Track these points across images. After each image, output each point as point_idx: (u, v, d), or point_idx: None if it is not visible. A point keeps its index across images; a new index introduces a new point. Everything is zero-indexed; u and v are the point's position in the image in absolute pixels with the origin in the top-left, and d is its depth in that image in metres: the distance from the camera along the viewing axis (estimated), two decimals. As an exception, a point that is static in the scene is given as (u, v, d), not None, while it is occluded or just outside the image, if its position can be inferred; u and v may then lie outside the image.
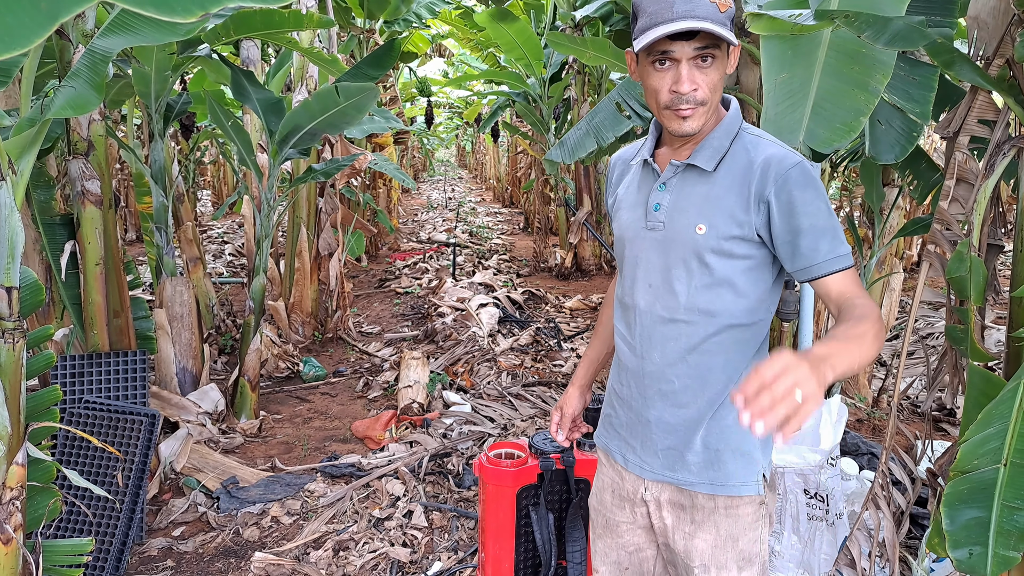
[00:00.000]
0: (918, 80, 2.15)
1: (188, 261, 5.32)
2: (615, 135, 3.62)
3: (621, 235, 1.54)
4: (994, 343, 4.90)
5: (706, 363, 1.43)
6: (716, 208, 1.38)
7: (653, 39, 1.29)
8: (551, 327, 6.27)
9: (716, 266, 1.38)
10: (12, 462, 1.83)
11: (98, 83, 1.97)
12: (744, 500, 1.46)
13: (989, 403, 1.63)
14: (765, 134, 1.44)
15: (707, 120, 1.38)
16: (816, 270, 1.34)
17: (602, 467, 1.67)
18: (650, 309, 1.47)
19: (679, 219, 1.42)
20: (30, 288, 2.08)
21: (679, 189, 1.43)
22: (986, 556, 1.41)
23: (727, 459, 1.44)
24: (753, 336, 1.45)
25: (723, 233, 1.37)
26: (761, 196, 1.35)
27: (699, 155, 1.41)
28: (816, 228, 1.32)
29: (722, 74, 1.36)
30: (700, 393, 1.44)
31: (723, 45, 1.33)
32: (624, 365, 1.55)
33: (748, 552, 1.47)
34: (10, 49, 0.75)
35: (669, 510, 1.51)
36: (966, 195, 2.07)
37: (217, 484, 3.52)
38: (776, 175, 1.34)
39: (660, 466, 1.49)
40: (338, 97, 3.79)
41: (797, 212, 1.32)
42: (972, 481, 1.48)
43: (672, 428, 1.47)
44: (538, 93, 8.17)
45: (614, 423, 1.60)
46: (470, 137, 26.56)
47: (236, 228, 11.81)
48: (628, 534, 1.60)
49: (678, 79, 1.33)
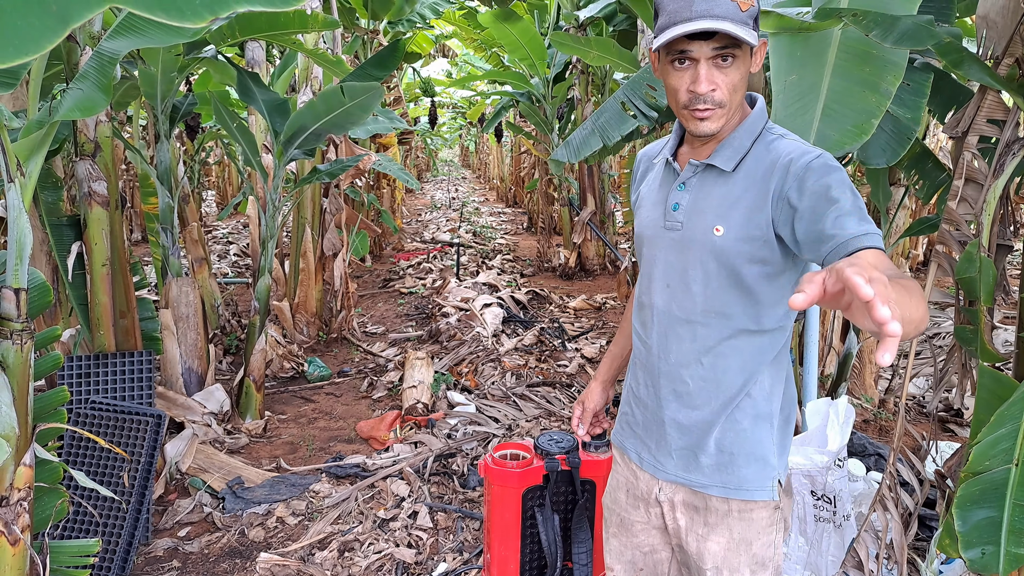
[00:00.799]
0: (910, 86, 2.14)
1: (193, 261, 5.33)
2: (620, 134, 3.61)
3: (641, 233, 1.52)
4: (1002, 343, 4.89)
5: (721, 365, 1.41)
6: (734, 209, 1.35)
7: (670, 38, 1.27)
8: (555, 327, 6.26)
9: (733, 268, 1.36)
10: (20, 463, 1.83)
11: (105, 85, 1.97)
12: (758, 504, 1.44)
13: (999, 403, 1.63)
14: (790, 134, 1.41)
15: (727, 120, 1.36)
16: (843, 248, 1.19)
17: (617, 466, 1.66)
18: (667, 309, 1.45)
19: (697, 219, 1.39)
20: (38, 289, 2.08)
21: (698, 189, 1.41)
22: (998, 555, 1.42)
23: (741, 463, 1.43)
24: (771, 342, 1.42)
25: (741, 235, 1.34)
26: (781, 194, 1.30)
27: (719, 155, 1.39)
28: (841, 208, 1.22)
29: (744, 74, 1.33)
30: (714, 395, 1.42)
31: (745, 44, 1.30)
32: (641, 364, 1.54)
33: (761, 556, 1.46)
34: (22, 55, 0.75)
35: (683, 511, 1.50)
36: (975, 195, 2.06)
37: (223, 484, 3.53)
38: (796, 170, 1.29)
39: (674, 467, 1.49)
40: (343, 98, 3.79)
41: (819, 196, 1.24)
42: (984, 482, 1.48)
43: (686, 429, 1.46)
44: (542, 93, 8.17)
45: (630, 422, 1.59)
46: (474, 137, 26.58)
47: (241, 228, 11.83)
48: (643, 534, 1.59)
49: (696, 79, 1.30)
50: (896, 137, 2.18)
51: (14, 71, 1.79)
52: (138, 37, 2.03)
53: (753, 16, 1.29)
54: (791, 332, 1.46)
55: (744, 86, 1.36)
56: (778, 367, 1.45)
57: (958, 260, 2.02)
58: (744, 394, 1.42)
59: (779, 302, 1.40)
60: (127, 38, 2.00)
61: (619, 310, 6.96)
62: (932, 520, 2.82)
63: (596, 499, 2.29)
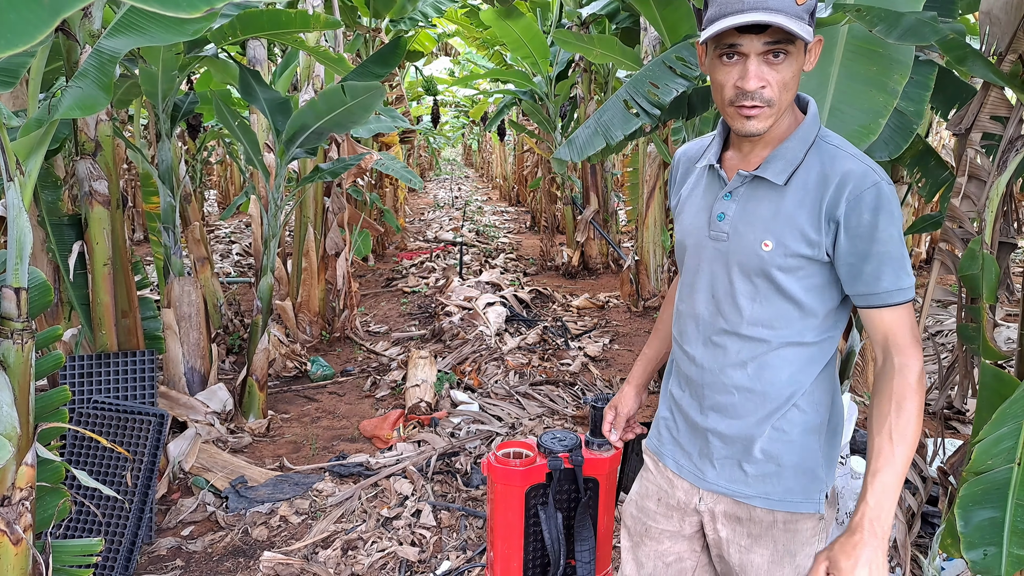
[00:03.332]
0: (915, 79, 2.13)
1: (196, 261, 5.33)
2: (623, 133, 3.59)
3: (683, 240, 1.46)
4: (1004, 340, 4.87)
5: (768, 378, 1.36)
6: (785, 226, 1.29)
7: (719, 30, 1.20)
8: (558, 326, 6.26)
9: (782, 283, 1.31)
10: (22, 463, 1.83)
11: (106, 83, 1.96)
12: (803, 516, 1.40)
13: (1001, 402, 1.62)
14: (846, 144, 1.33)
15: (776, 121, 1.29)
16: (874, 299, 1.26)
17: (648, 473, 1.60)
18: (711, 320, 1.40)
19: (745, 232, 1.33)
20: (38, 288, 2.08)
21: (746, 201, 1.35)
22: (1000, 556, 1.40)
23: (788, 475, 1.39)
24: (821, 353, 1.38)
25: (791, 251, 1.29)
26: (832, 215, 1.26)
27: (770, 167, 1.31)
28: (882, 255, 1.23)
29: (796, 72, 1.25)
30: (760, 406, 1.38)
31: (799, 40, 1.23)
32: (682, 372, 1.49)
33: (804, 567, 1.42)
34: (13, 46, 0.75)
35: (724, 522, 1.45)
36: (978, 192, 2.05)
37: (226, 484, 3.53)
38: (850, 194, 1.24)
39: (716, 476, 1.44)
40: (344, 96, 3.79)
41: (865, 236, 1.24)
42: (986, 482, 1.47)
43: (729, 439, 1.41)
44: (544, 91, 8.16)
45: (670, 427, 1.54)
46: (476, 136, 26.57)
47: (243, 228, 11.84)
48: (669, 542, 1.55)
49: (745, 75, 1.23)
50: (898, 130, 2.17)
51: (13, 69, 1.79)
52: (138, 35, 2.02)
53: (809, 10, 1.22)
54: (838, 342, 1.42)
55: (796, 85, 1.28)
56: (826, 378, 1.40)
57: (961, 257, 2.01)
58: (791, 405, 1.37)
59: (828, 314, 1.36)
60: (127, 36, 1.99)
61: (622, 309, 6.95)
62: (935, 516, 2.81)
63: (599, 497, 2.29)
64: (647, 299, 6.73)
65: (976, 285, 1.95)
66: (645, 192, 6.61)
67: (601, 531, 2.27)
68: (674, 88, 3.34)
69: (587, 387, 4.89)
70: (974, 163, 2.05)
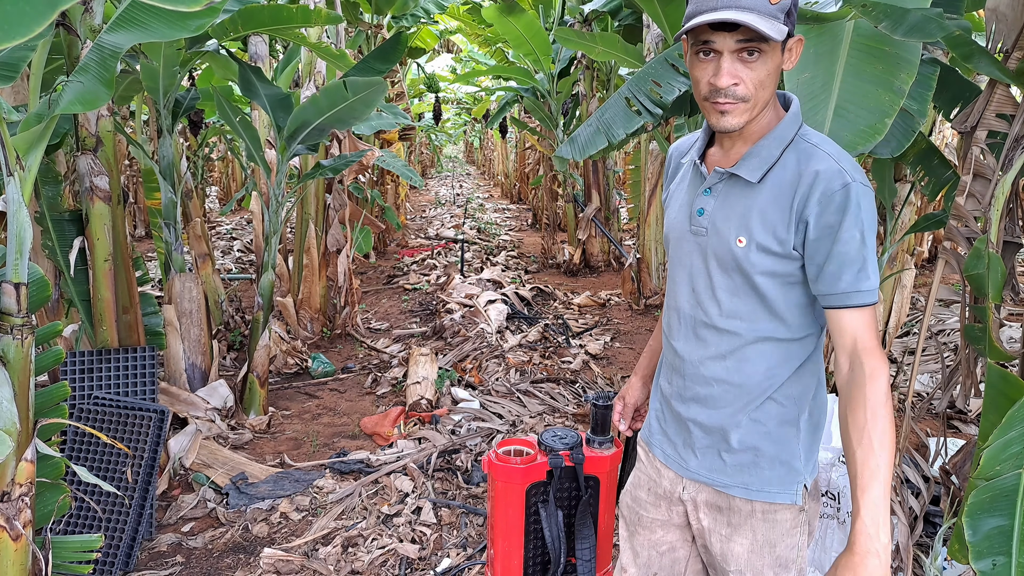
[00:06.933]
0: (917, 77, 2.11)
1: (197, 257, 5.32)
2: (625, 131, 3.58)
3: (667, 234, 1.50)
4: (1007, 340, 4.86)
5: (746, 370, 1.39)
6: (758, 222, 1.31)
7: (691, 27, 1.22)
8: (560, 324, 6.25)
9: (755, 279, 1.33)
10: (21, 458, 1.82)
11: (107, 79, 1.95)
12: (782, 506, 1.43)
13: (1006, 402, 1.61)
14: (826, 143, 1.33)
15: (754, 118, 1.30)
16: (833, 300, 1.27)
17: (640, 463, 1.64)
18: (693, 313, 1.44)
19: (722, 228, 1.36)
20: (37, 284, 2.07)
21: (723, 197, 1.37)
22: (1010, 566, 1.37)
23: (765, 466, 1.41)
24: (801, 349, 1.39)
25: (763, 248, 1.31)
26: (802, 214, 1.27)
27: (745, 164, 1.33)
28: (843, 256, 1.25)
29: (772, 70, 1.26)
30: (738, 398, 1.41)
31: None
32: (668, 363, 1.54)
33: (785, 558, 1.44)
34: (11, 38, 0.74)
35: (706, 511, 1.49)
36: (983, 191, 2.04)
37: (226, 480, 3.52)
38: (821, 194, 1.25)
39: (697, 465, 1.47)
40: (346, 92, 3.78)
41: (829, 236, 1.25)
42: (994, 488, 1.44)
43: (708, 429, 1.45)
44: (546, 89, 8.14)
45: (659, 418, 1.59)
46: (478, 133, 26.54)
47: (245, 224, 11.83)
48: (661, 530, 1.58)
49: (718, 72, 1.25)
50: (901, 128, 2.15)
51: (13, 64, 1.78)
52: (140, 30, 2.01)
53: (784, 10, 1.22)
54: (823, 339, 1.43)
55: (774, 82, 1.29)
56: (806, 373, 1.42)
57: (966, 256, 2.00)
58: (767, 398, 1.40)
59: (803, 312, 1.37)
60: (129, 31, 1.98)
61: (623, 307, 6.94)
62: (937, 516, 2.80)
63: (600, 495, 2.28)
64: (648, 297, 6.72)
65: (982, 285, 1.94)
66: (647, 190, 6.60)
67: (602, 529, 2.27)
68: (677, 86, 3.33)
69: (588, 385, 4.88)
70: (979, 161, 2.04)
